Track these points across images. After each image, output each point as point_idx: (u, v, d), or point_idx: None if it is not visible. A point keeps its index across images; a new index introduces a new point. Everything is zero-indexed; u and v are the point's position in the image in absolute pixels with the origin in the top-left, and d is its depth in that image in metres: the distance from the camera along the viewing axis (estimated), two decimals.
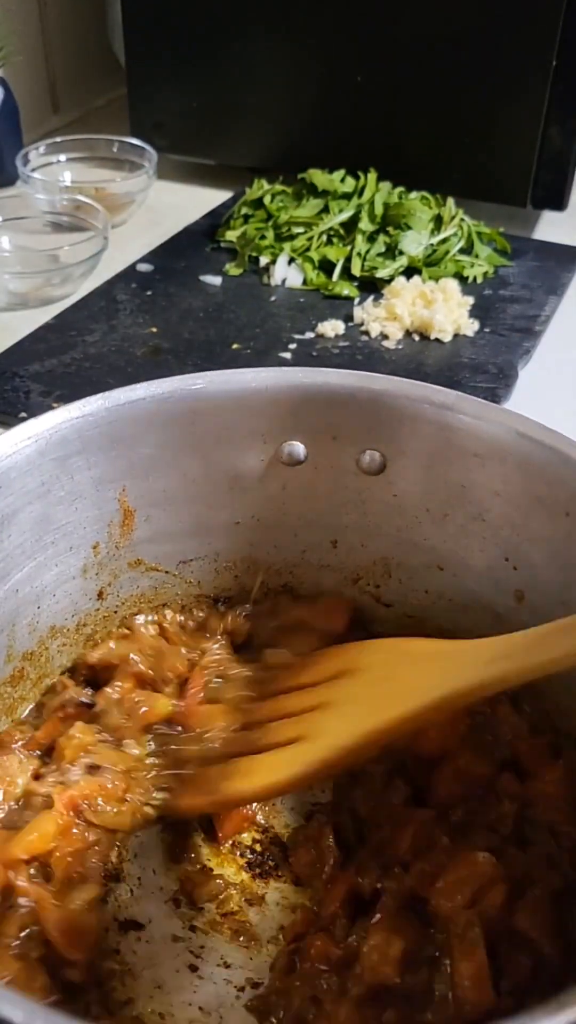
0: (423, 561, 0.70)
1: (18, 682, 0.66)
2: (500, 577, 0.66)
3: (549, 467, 0.61)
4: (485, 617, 0.68)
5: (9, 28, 1.45)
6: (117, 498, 0.66)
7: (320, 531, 0.72)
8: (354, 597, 0.74)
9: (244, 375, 0.67)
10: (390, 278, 1.19)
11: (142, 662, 0.68)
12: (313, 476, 0.69)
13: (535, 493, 0.62)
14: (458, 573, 0.69)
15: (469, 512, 0.66)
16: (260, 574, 0.74)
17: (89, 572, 0.68)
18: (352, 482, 0.69)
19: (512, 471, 0.63)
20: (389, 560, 0.72)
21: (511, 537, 0.65)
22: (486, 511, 0.65)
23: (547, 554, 0.63)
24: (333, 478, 0.69)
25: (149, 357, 1.09)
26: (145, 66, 1.43)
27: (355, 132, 1.35)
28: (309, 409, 0.67)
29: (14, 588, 0.63)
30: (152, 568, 0.71)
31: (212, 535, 0.71)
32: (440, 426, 0.65)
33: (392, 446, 0.67)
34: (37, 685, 0.68)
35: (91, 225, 1.25)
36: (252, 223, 1.30)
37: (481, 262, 1.24)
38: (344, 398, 0.66)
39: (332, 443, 0.68)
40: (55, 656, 0.69)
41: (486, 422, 0.63)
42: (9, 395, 1.02)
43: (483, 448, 0.63)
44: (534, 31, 1.19)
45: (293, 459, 0.69)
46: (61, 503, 0.64)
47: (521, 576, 0.65)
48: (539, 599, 0.64)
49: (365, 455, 0.68)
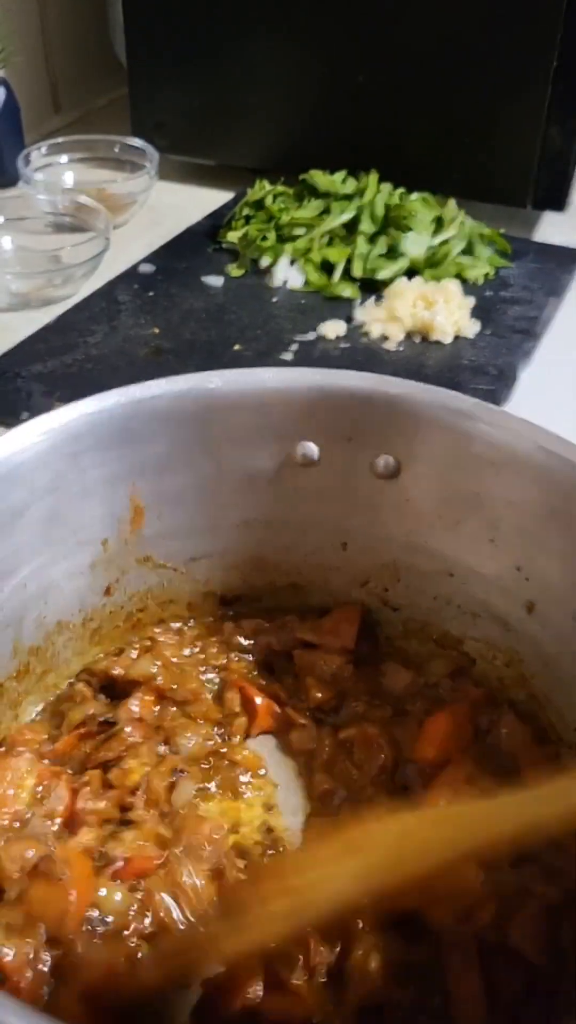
0: (433, 567, 0.70)
1: (24, 677, 0.66)
2: (511, 587, 0.66)
3: (566, 479, 0.60)
4: (494, 627, 0.68)
5: (10, 28, 1.45)
6: (128, 495, 0.66)
7: (330, 533, 0.72)
8: (362, 600, 0.74)
9: (260, 374, 0.67)
10: (391, 279, 1.19)
11: (163, 678, 0.68)
12: (326, 477, 0.69)
13: (550, 505, 0.61)
14: (468, 581, 0.69)
15: (482, 520, 0.66)
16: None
17: (97, 568, 0.68)
18: (365, 485, 0.68)
19: (528, 482, 0.62)
20: (399, 564, 0.72)
21: (523, 547, 0.64)
22: (499, 520, 0.65)
23: (560, 566, 0.62)
24: (346, 480, 0.69)
25: (151, 358, 1.09)
26: (146, 66, 1.43)
27: (356, 133, 1.35)
28: (324, 410, 0.67)
29: (23, 583, 0.63)
30: (160, 565, 0.71)
31: (222, 534, 0.71)
32: (456, 433, 0.64)
33: (407, 451, 0.67)
34: (42, 680, 0.68)
35: (92, 226, 1.25)
36: (253, 224, 1.30)
37: (482, 263, 1.24)
38: (360, 401, 0.66)
39: (346, 445, 0.68)
40: (61, 651, 0.69)
41: (503, 431, 0.63)
42: (10, 396, 1.01)
43: (499, 457, 0.63)
44: (534, 31, 1.19)
45: (306, 460, 0.69)
46: (72, 499, 0.64)
47: (532, 587, 0.65)
48: (550, 611, 0.64)
49: (380, 459, 0.68)
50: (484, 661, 0.70)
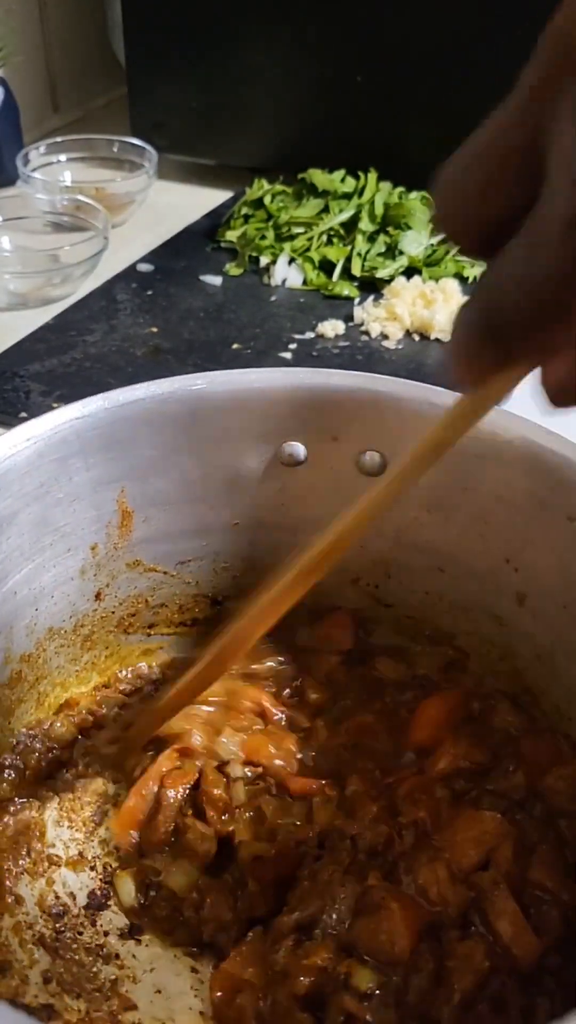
0: (423, 562, 0.70)
1: (16, 684, 0.66)
2: (501, 580, 0.66)
3: (553, 471, 0.60)
4: (486, 619, 0.68)
5: (9, 27, 1.45)
6: (116, 499, 0.66)
7: (320, 532, 0.71)
8: (353, 598, 0.74)
9: (245, 375, 0.67)
10: (390, 278, 1.19)
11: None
12: (313, 477, 0.69)
13: (538, 497, 0.61)
14: (459, 575, 0.68)
15: (471, 514, 0.65)
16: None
17: (87, 573, 0.68)
18: (352, 483, 0.68)
19: (515, 474, 0.62)
20: (389, 561, 0.71)
21: (513, 540, 0.64)
22: (488, 513, 0.65)
23: (549, 558, 0.62)
24: (333, 479, 0.68)
25: (149, 357, 1.09)
26: (145, 65, 1.43)
27: (355, 132, 1.35)
28: (309, 410, 0.67)
29: (12, 590, 0.63)
30: (151, 569, 0.70)
31: (211, 536, 0.71)
32: None
33: (392, 447, 0.66)
34: (35, 687, 0.68)
35: (91, 225, 1.25)
36: (252, 223, 1.30)
37: (481, 262, 1.23)
38: (344, 399, 0.66)
39: (332, 444, 0.67)
40: (52, 658, 0.68)
41: (489, 423, 0.61)
42: (9, 395, 1.02)
43: (486, 450, 0.62)
44: (534, 30, 1.18)
45: (293, 460, 0.68)
46: (60, 504, 0.63)
47: (522, 579, 0.65)
48: (540, 602, 0.64)
49: (365, 455, 0.67)
50: (477, 655, 0.70)
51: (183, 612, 0.74)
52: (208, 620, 0.75)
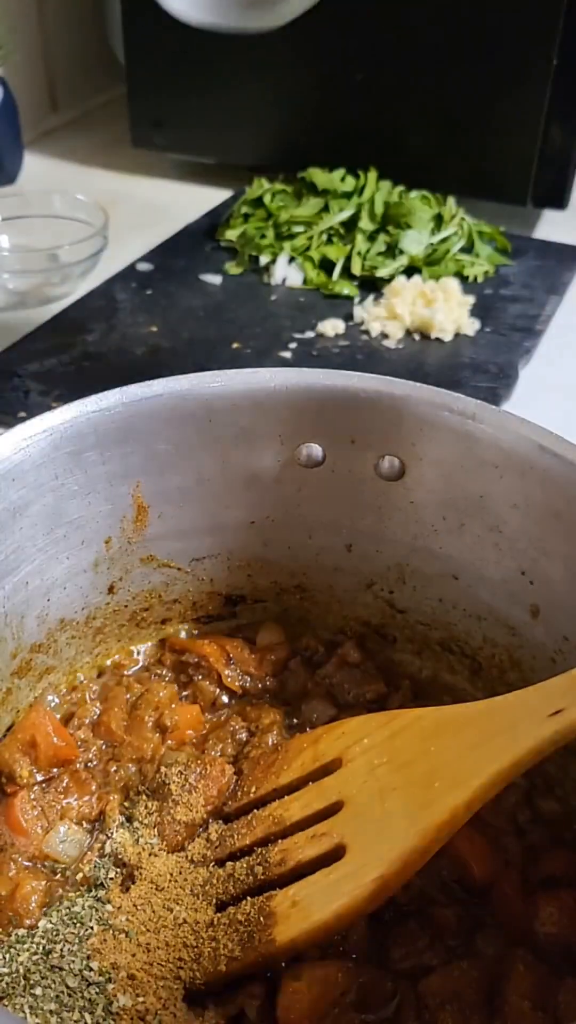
0: (438, 569, 0.69)
1: (25, 673, 0.66)
2: (515, 590, 0.65)
3: (569, 483, 0.60)
4: (499, 630, 0.68)
5: (8, 26, 1.45)
6: (131, 493, 0.66)
7: (335, 534, 0.71)
8: (367, 602, 0.74)
9: (263, 375, 0.66)
10: (390, 277, 1.19)
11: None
12: (330, 479, 0.68)
13: (554, 508, 0.61)
14: (473, 584, 0.68)
15: (486, 523, 0.65)
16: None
17: (100, 566, 0.68)
18: (369, 487, 0.68)
19: (531, 484, 0.62)
20: (404, 567, 0.71)
21: (528, 551, 0.64)
22: (503, 523, 0.64)
23: (564, 570, 0.62)
24: (350, 482, 0.68)
25: (149, 356, 1.09)
26: (145, 64, 1.43)
27: (355, 131, 1.35)
28: (329, 411, 0.66)
29: (24, 580, 0.63)
30: (164, 564, 0.70)
31: (226, 534, 0.71)
32: (460, 435, 0.64)
33: (411, 452, 0.66)
34: (44, 677, 0.68)
35: (90, 224, 1.25)
36: (252, 222, 1.30)
37: (482, 261, 1.24)
38: (365, 402, 0.65)
39: (351, 447, 0.67)
40: (63, 648, 0.68)
41: (507, 433, 0.62)
42: (8, 394, 1.01)
43: (503, 459, 0.62)
44: (534, 29, 1.19)
45: (311, 461, 0.68)
46: (74, 497, 0.63)
47: (537, 591, 0.64)
48: (555, 615, 0.63)
49: (384, 460, 0.67)
50: (490, 664, 0.70)
51: (197, 608, 0.74)
52: (221, 617, 0.75)
